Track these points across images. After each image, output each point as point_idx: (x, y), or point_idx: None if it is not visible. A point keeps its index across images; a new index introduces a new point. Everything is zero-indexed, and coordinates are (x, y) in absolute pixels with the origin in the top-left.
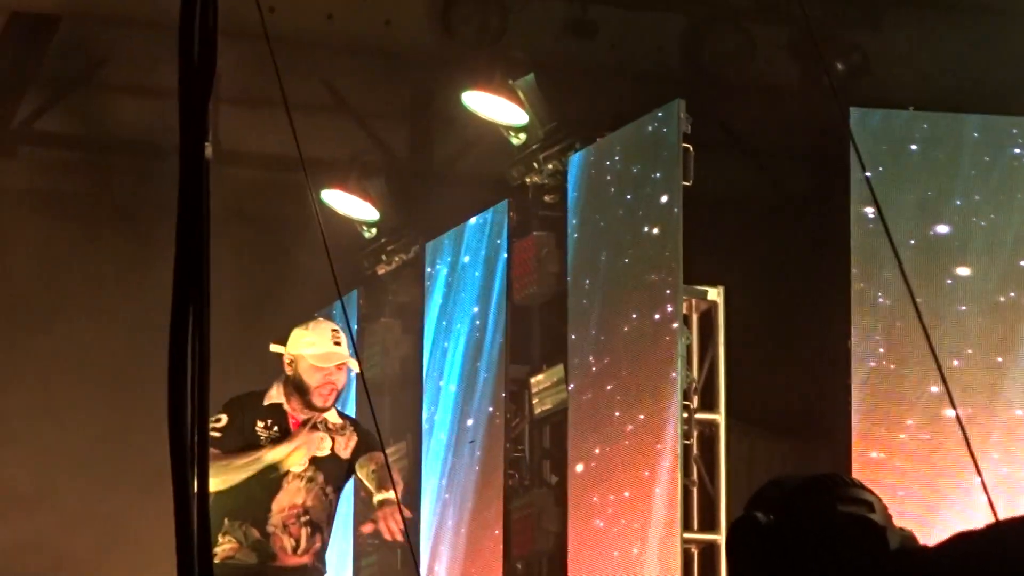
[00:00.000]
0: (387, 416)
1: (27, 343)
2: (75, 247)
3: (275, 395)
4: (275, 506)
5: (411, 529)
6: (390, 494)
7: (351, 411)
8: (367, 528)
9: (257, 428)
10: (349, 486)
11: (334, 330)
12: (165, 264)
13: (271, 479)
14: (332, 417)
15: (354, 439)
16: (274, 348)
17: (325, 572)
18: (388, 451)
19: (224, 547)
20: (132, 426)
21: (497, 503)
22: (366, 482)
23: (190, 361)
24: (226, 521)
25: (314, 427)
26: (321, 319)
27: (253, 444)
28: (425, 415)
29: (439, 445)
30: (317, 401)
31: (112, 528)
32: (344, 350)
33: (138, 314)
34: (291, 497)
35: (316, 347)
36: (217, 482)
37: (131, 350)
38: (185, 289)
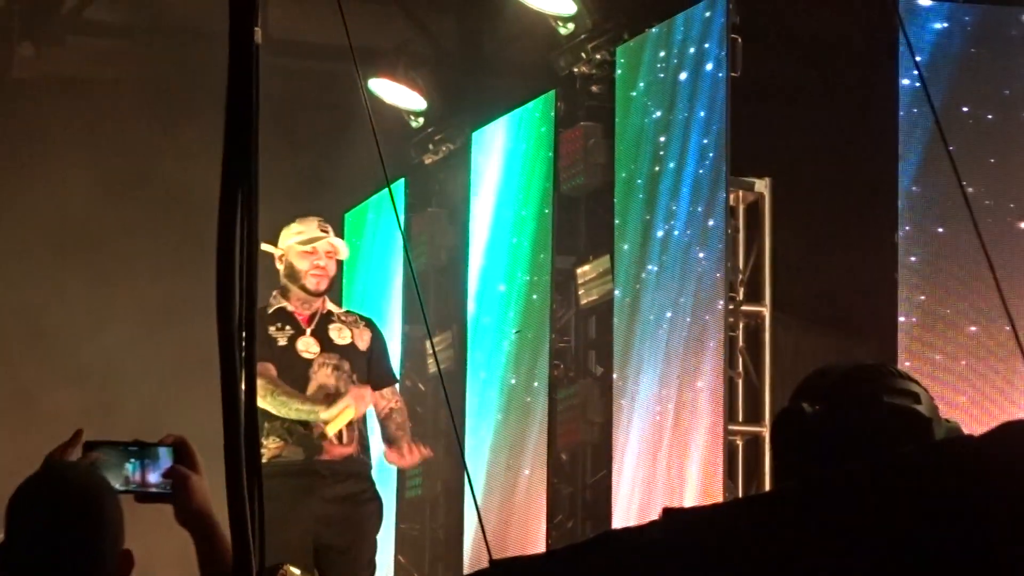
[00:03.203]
0: (433, 305)
1: (75, 231)
2: (123, 135)
3: (275, 301)
4: (310, 395)
5: (456, 418)
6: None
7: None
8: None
9: (270, 332)
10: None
11: (321, 221)
12: (214, 151)
13: (301, 369)
14: (338, 312)
15: (368, 332)
16: (265, 247)
17: (371, 465)
18: (435, 339)
19: (270, 447)
20: (184, 311)
21: (542, 394)
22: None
23: (239, 246)
24: (266, 424)
25: (328, 321)
26: (309, 215)
27: (273, 351)
28: (470, 305)
29: (485, 334)
30: (309, 284)
31: (162, 418)
32: (332, 237)
33: (187, 201)
34: (324, 384)
35: (303, 235)
36: (266, 404)
37: (181, 236)
38: (234, 174)
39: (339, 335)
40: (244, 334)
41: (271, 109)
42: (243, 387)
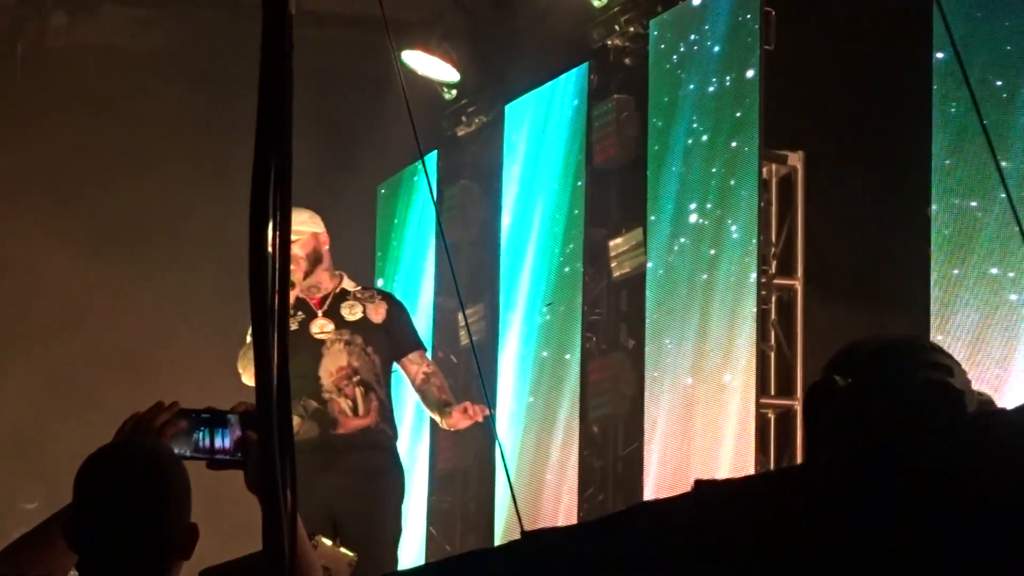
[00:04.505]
0: (465, 278)
1: (104, 199)
2: (154, 105)
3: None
4: (323, 372)
5: (487, 391)
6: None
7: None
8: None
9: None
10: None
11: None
12: (247, 122)
13: (313, 349)
14: (355, 289)
15: (384, 305)
16: None
17: (395, 435)
18: (467, 312)
19: None
20: (215, 282)
21: (574, 366)
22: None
23: (271, 217)
24: None
25: (342, 300)
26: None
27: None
28: (502, 277)
29: (517, 307)
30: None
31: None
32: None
33: (217, 171)
34: (336, 360)
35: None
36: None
37: (211, 208)
38: (267, 148)
39: (350, 312)
40: (277, 309)
41: (304, 81)
42: (276, 365)
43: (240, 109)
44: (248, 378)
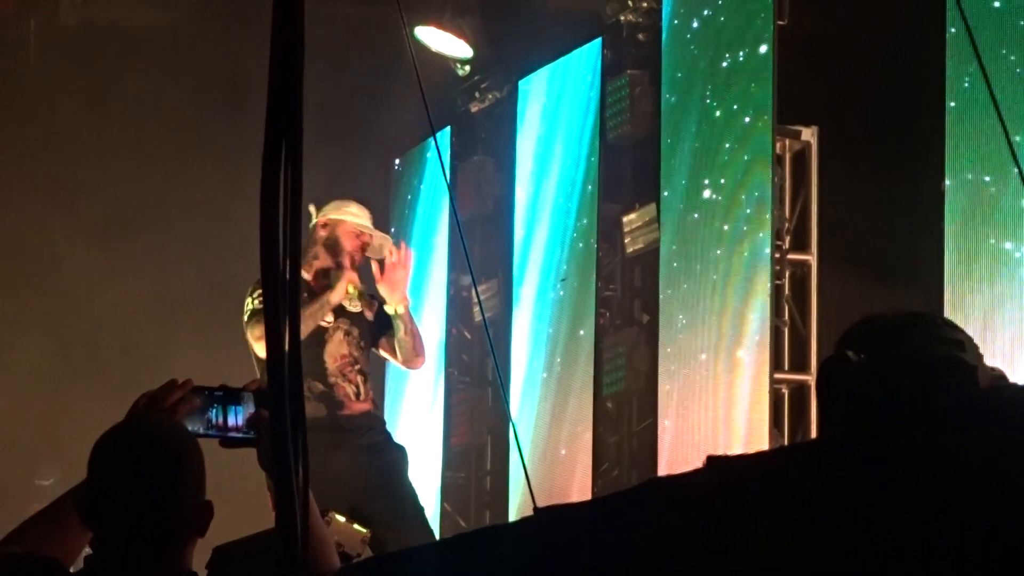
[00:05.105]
0: (478, 254)
1: (115, 177)
2: (170, 82)
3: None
4: (328, 357)
5: (501, 367)
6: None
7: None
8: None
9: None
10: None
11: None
12: (258, 99)
13: (316, 333)
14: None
15: (375, 304)
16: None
17: (384, 420)
18: (481, 288)
19: None
20: (227, 261)
21: (588, 341)
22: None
23: (282, 192)
24: None
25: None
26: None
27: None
28: (516, 253)
29: (531, 283)
30: (346, 261)
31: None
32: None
33: (227, 151)
34: (338, 348)
35: (360, 219)
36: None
37: (222, 187)
38: (278, 123)
39: (350, 304)
40: (288, 285)
41: (320, 57)
42: (288, 343)
43: (253, 86)
44: (260, 348)
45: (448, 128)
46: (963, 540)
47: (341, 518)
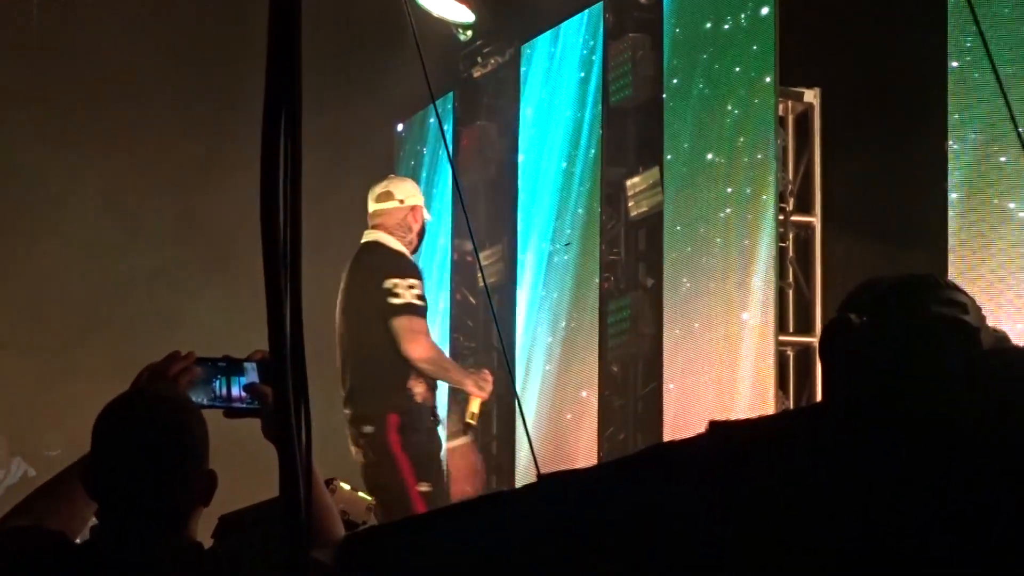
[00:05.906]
0: (482, 220)
1: (115, 149)
2: (158, 52)
3: (398, 246)
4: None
5: (505, 332)
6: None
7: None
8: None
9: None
10: None
11: None
12: (257, 67)
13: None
14: None
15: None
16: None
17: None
18: (483, 254)
19: None
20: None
21: (592, 306)
22: None
23: (283, 162)
24: None
25: None
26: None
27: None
28: (520, 218)
29: (536, 248)
30: (416, 242)
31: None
32: None
33: (227, 122)
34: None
35: (423, 202)
36: (430, 371)
37: (220, 158)
38: (277, 93)
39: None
40: (289, 256)
41: (323, 21)
42: (289, 307)
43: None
44: (409, 343)
45: (451, 93)
46: (967, 502)
47: (346, 486)
